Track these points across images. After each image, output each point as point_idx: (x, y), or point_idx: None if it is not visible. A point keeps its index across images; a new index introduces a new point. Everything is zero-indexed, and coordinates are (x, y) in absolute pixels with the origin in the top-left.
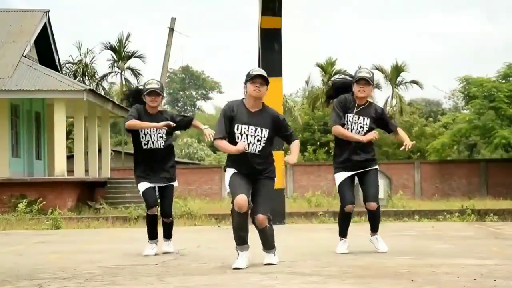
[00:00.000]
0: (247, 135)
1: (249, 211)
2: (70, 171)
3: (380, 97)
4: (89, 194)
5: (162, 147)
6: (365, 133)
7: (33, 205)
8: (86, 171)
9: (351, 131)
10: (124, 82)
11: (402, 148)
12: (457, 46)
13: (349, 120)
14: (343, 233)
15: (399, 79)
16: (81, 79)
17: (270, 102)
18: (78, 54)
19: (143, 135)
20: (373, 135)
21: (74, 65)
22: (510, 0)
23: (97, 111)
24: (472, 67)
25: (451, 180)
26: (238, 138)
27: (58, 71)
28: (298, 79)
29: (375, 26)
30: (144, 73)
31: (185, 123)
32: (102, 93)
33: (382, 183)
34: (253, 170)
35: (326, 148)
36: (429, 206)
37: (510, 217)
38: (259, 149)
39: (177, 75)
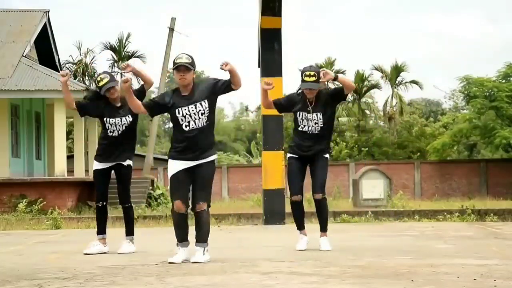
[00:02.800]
0: (190, 115)
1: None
2: (70, 171)
3: (380, 97)
4: (89, 194)
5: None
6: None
7: (33, 205)
8: (86, 171)
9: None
10: None
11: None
12: (457, 46)
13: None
14: (298, 226)
15: (399, 79)
16: (81, 79)
17: None
18: (78, 54)
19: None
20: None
21: (74, 65)
22: (510, 0)
23: None
24: (472, 67)
25: (451, 180)
26: (182, 121)
27: (58, 71)
28: (298, 79)
29: (375, 26)
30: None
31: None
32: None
33: (382, 183)
34: (196, 152)
35: None
36: (429, 206)
37: (510, 217)
38: (205, 121)
39: None
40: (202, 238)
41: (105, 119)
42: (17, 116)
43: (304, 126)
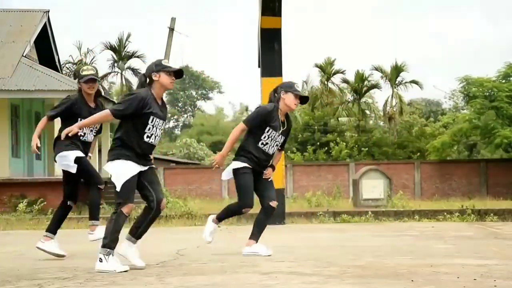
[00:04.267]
0: (156, 128)
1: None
2: None
3: (380, 97)
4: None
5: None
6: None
7: (33, 205)
8: None
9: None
10: (124, 82)
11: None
12: (457, 46)
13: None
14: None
15: (399, 79)
16: None
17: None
18: (78, 54)
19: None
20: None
21: (74, 65)
22: (510, 0)
23: None
24: (472, 67)
25: (451, 180)
26: (149, 130)
27: (58, 71)
28: (298, 79)
29: (375, 26)
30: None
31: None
32: (102, 93)
33: (382, 183)
34: (146, 158)
35: (326, 148)
36: (429, 206)
37: (510, 217)
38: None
39: None
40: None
41: (79, 119)
42: (17, 116)
43: (268, 143)
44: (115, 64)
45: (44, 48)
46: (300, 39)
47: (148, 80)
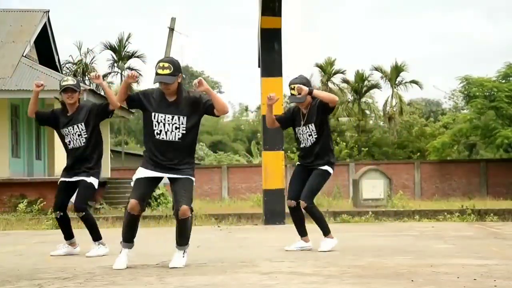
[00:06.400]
0: (164, 123)
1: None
2: None
3: (380, 97)
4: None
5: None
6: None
7: (33, 205)
8: None
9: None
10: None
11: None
12: (457, 46)
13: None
14: (299, 232)
15: (399, 79)
16: (81, 79)
17: None
18: (78, 54)
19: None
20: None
21: (74, 65)
22: (510, 0)
23: None
24: (472, 67)
25: (451, 180)
26: (155, 126)
27: (58, 71)
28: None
29: (375, 26)
30: (144, 73)
31: (102, 108)
32: (102, 93)
33: (382, 183)
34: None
35: None
36: (429, 206)
37: (510, 217)
38: (179, 136)
39: None
40: (184, 240)
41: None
42: (17, 116)
43: (301, 140)
44: (115, 64)
45: (44, 48)
46: (300, 39)
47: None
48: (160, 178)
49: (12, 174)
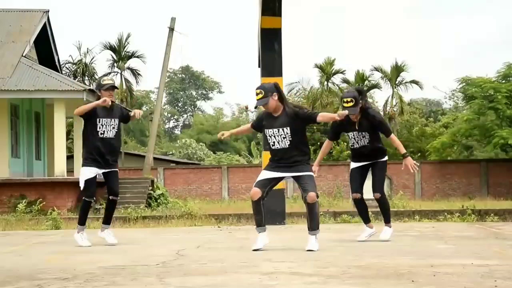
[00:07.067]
0: (274, 136)
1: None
2: (70, 171)
3: (380, 97)
4: None
5: (113, 136)
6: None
7: (33, 205)
8: None
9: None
10: (124, 82)
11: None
12: (457, 46)
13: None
14: (362, 220)
15: (399, 79)
16: (81, 79)
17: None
18: (78, 54)
19: (100, 125)
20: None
21: (74, 65)
22: (510, 0)
23: None
24: (472, 67)
25: (452, 180)
26: (269, 140)
27: (58, 71)
28: (298, 78)
29: (375, 26)
30: (144, 73)
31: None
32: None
33: None
34: None
35: None
36: (429, 206)
37: (510, 217)
38: (288, 143)
39: (177, 75)
40: (315, 225)
41: (98, 119)
42: (17, 116)
43: (353, 143)
44: (115, 64)
45: (44, 48)
46: (300, 39)
47: None
48: (282, 178)
49: (12, 174)
